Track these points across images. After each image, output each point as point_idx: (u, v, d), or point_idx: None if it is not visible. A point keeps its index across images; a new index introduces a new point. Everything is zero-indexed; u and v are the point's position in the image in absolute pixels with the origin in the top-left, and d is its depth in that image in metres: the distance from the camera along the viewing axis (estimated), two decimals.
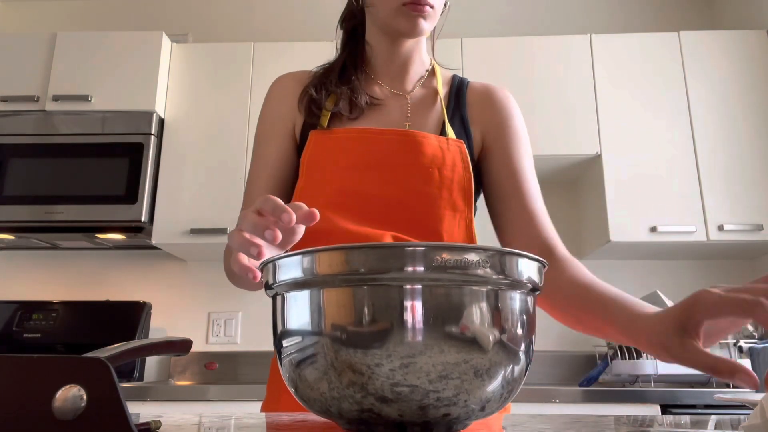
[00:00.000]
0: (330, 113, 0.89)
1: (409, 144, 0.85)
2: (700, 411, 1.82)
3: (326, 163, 0.85)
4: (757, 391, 1.47)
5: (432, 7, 0.84)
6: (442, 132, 0.89)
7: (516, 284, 0.41)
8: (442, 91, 0.94)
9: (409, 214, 0.83)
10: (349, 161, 0.85)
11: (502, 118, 0.93)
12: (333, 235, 0.81)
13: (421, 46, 0.95)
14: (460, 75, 1.00)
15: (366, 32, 0.95)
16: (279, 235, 0.54)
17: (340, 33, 1.00)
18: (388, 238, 0.81)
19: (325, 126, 0.88)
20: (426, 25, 0.86)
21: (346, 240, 0.80)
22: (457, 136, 0.90)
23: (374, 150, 0.85)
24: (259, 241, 0.54)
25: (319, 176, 0.85)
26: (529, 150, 0.93)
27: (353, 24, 0.97)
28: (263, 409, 0.87)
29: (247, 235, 0.55)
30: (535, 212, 0.87)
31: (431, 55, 1.00)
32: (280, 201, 0.54)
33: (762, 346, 1.78)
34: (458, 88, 0.96)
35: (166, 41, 2.51)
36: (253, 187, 0.90)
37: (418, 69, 0.95)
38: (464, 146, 0.87)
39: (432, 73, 0.97)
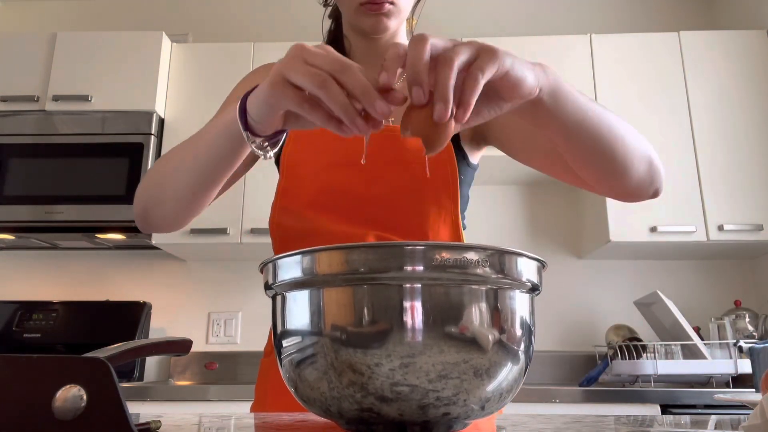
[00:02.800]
0: None
1: (390, 139, 0.81)
2: (700, 411, 1.81)
3: (307, 160, 0.82)
4: (756, 391, 1.47)
5: (393, 3, 0.81)
6: None
7: (515, 284, 0.41)
8: None
9: (393, 213, 0.81)
10: (330, 158, 0.82)
11: None
12: (314, 236, 0.79)
13: (399, 38, 0.91)
14: None
15: (343, 27, 0.93)
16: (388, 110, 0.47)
17: (327, 23, 0.98)
18: (370, 237, 0.79)
19: None
20: (390, 22, 0.82)
21: (327, 241, 0.78)
22: None
23: (356, 146, 0.81)
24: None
25: (301, 175, 0.83)
26: None
27: (336, 16, 0.96)
28: (252, 411, 0.86)
29: (343, 98, 0.47)
30: None
31: None
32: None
33: (762, 346, 1.78)
34: None
35: (166, 41, 2.51)
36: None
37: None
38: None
39: None
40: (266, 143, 0.59)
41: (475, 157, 0.92)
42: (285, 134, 0.61)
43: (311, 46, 0.51)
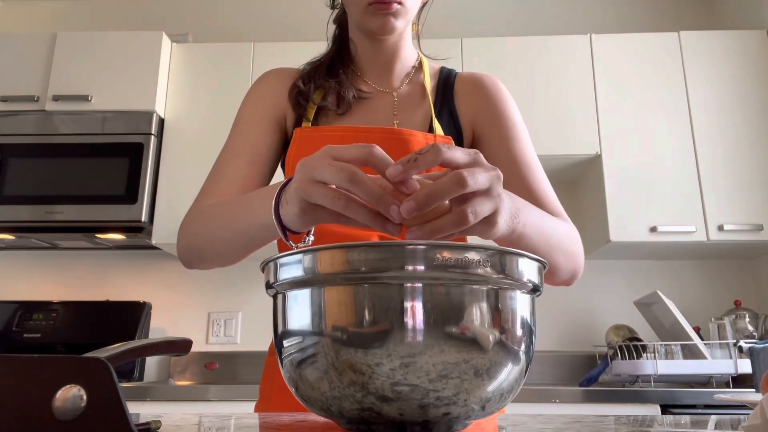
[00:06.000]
0: (316, 108, 0.88)
1: (395, 142, 0.83)
2: (700, 411, 1.82)
3: None
4: (756, 391, 1.47)
5: (401, 3, 0.82)
6: (431, 128, 0.87)
7: (516, 284, 0.41)
8: (429, 85, 0.92)
9: None
10: None
11: (493, 105, 0.89)
12: (318, 236, 0.80)
13: (405, 41, 0.92)
14: (449, 67, 0.97)
15: (349, 30, 0.94)
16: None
17: (332, 27, 0.99)
18: (374, 238, 0.80)
19: (311, 119, 0.87)
20: (398, 23, 0.83)
21: (331, 242, 0.79)
22: (447, 130, 0.88)
23: None
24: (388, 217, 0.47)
25: None
26: (526, 135, 0.89)
27: (342, 19, 0.96)
28: (256, 410, 0.87)
29: (369, 212, 0.48)
30: (544, 201, 0.83)
31: (418, 49, 0.98)
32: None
33: (762, 346, 1.78)
34: (445, 80, 0.93)
35: (166, 41, 2.51)
36: (231, 163, 0.85)
37: (404, 65, 0.93)
38: (452, 142, 0.85)
39: (419, 67, 0.95)
40: (307, 237, 0.61)
41: None
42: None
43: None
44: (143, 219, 2.27)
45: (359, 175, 0.47)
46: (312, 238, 0.61)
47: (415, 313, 0.38)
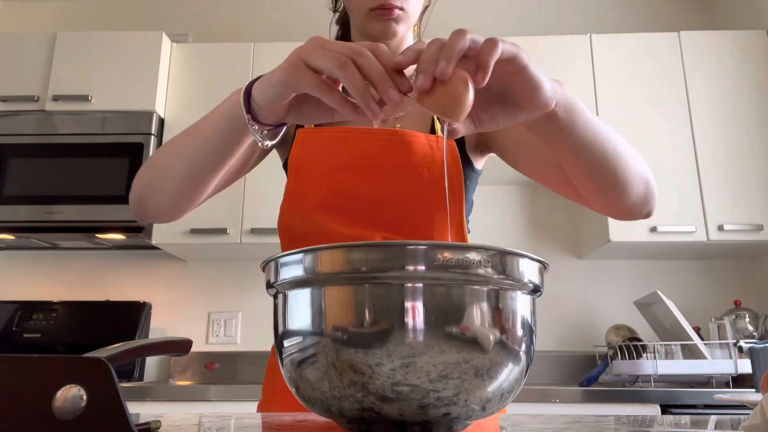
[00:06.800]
0: None
1: (397, 143, 0.83)
2: (700, 411, 1.82)
3: (315, 163, 0.83)
4: (756, 391, 1.47)
5: (402, 9, 0.82)
6: (432, 130, 0.87)
7: (517, 284, 0.41)
8: None
9: (399, 215, 0.81)
10: (338, 161, 0.83)
11: None
12: (321, 238, 0.80)
13: (406, 45, 0.92)
14: None
15: (351, 33, 0.95)
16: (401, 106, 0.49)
17: (335, 29, 0.99)
18: (377, 239, 0.80)
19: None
20: (399, 28, 0.84)
21: (333, 242, 0.79)
22: None
23: (363, 150, 0.83)
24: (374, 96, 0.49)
25: (309, 177, 0.84)
26: None
27: (345, 21, 0.97)
28: (259, 410, 0.87)
29: (362, 82, 0.49)
30: None
31: None
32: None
33: (762, 346, 1.78)
34: None
35: (166, 41, 2.51)
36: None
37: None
38: (455, 143, 0.85)
39: None
40: (265, 131, 0.61)
41: (479, 163, 0.93)
42: (284, 129, 0.64)
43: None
44: None
45: (367, 51, 0.49)
46: (268, 143, 0.62)
47: (416, 313, 0.38)
